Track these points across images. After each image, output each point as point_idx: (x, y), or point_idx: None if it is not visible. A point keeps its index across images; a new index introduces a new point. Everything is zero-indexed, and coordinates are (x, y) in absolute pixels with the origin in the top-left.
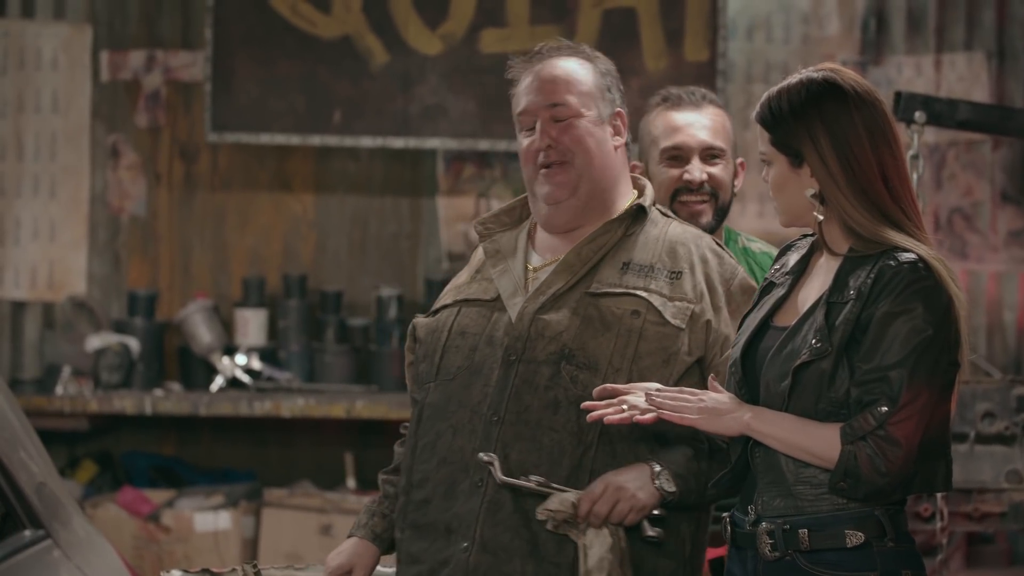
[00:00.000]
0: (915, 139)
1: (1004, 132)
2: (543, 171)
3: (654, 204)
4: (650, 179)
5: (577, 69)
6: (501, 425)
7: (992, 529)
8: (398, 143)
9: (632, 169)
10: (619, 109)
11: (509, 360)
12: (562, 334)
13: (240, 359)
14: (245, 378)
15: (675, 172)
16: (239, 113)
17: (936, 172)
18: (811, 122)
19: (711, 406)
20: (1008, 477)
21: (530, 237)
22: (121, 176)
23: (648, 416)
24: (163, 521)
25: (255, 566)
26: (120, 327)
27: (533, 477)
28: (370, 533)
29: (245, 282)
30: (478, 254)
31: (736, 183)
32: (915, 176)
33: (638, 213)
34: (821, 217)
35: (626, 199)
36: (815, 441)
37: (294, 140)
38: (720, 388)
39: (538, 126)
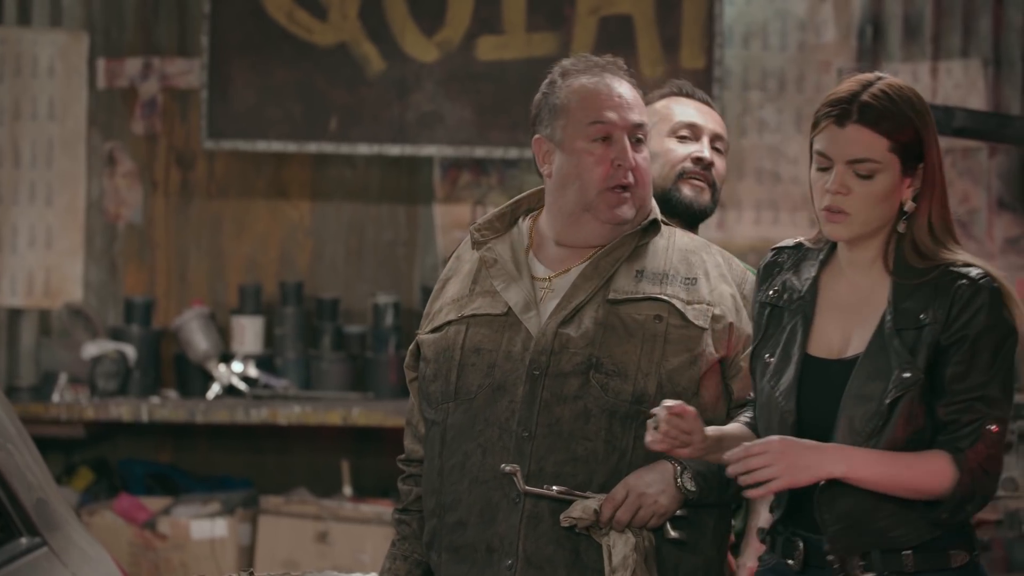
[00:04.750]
0: None
1: (1000, 139)
2: (612, 192)
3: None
4: (652, 157)
5: (638, 95)
6: (533, 440)
7: (988, 536)
8: (394, 150)
9: None
10: None
11: (534, 375)
12: (587, 345)
13: (236, 366)
14: (241, 385)
15: (686, 149)
16: (235, 120)
17: None
18: (929, 128)
19: (788, 460)
20: (1004, 485)
21: (531, 247)
22: (117, 183)
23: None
24: (159, 528)
25: (251, 574)
26: (116, 334)
27: (555, 487)
28: None
29: (241, 289)
30: (468, 261)
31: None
32: None
33: (651, 226)
34: (902, 230)
35: None
36: (921, 476)
37: (290, 147)
38: (690, 409)
39: (626, 142)
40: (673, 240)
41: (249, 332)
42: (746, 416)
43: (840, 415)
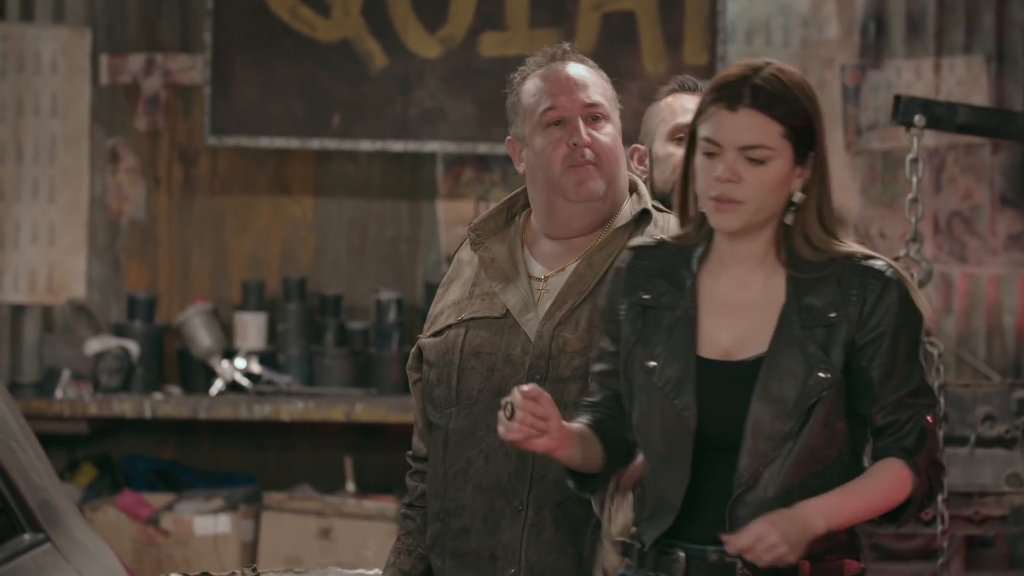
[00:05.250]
0: (914, 142)
1: (1003, 135)
2: (575, 169)
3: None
4: (654, 161)
5: (596, 75)
6: None
7: (992, 532)
8: (397, 146)
9: (632, 152)
10: (619, 123)
11: (533, 379)
12: (585, 348)
13: (239, 363)
14: (244, 382)
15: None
16: (238, 117)
17: (935, 176)
18: (819, 117)
19: (789, 540)
20: (1008, 480)
21: (525, 245)
22: (120, 180)
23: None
24: (162, 525)
25: (254, 570)
26: (119, 330)
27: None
28: (398, 572)
29: (244, 286)
30: (469, 263)
31: None
32: (914, 179)
33: (642, 216)
34: (790, 221)
35: (624, 203)
36: (887, 495)
37: (293, 144)
38: (544, 394)
39: (579, 123)
40: (668, 231)
41: (252, 328)
42: (585, 418)
43: (748, 418)
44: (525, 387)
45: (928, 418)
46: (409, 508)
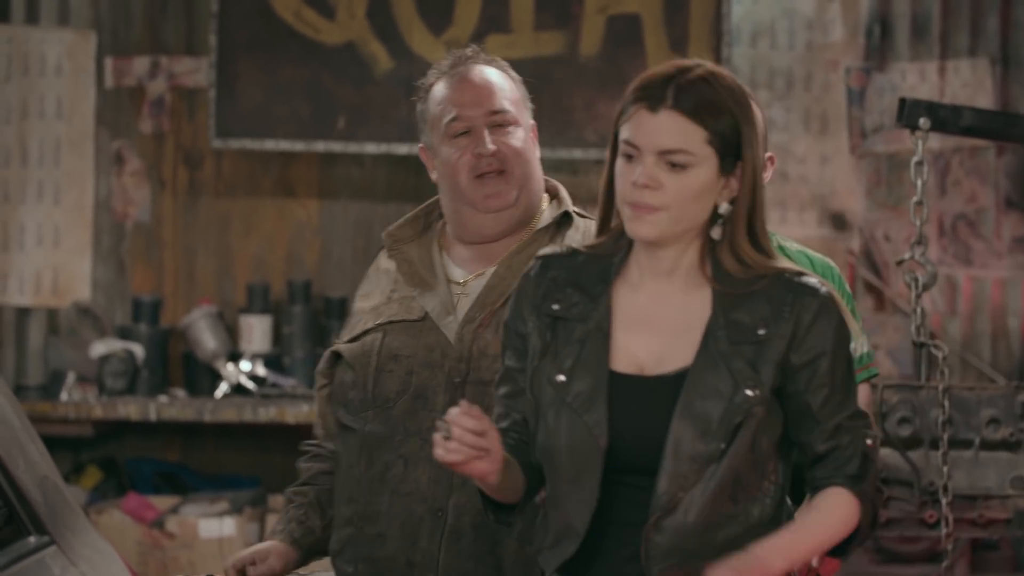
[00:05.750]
0: (919, 145)
1: (1008, 138)
2: (480, 179)
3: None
4: None
5: (504, 78)
6: None
7: (997, 536)
8: (402, 149)
9: None
10: (532, 122)
11: (454, 382)
12: None
13: (245, 365)
14: (250, 384)
15: None
16: (243, 119)
17: (940, 178)
18: (751, 125)
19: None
20: (1013, 483)
21: (442, 249)
22: (125, 182)
23: None
24: (168, 527)
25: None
26: (124, 333)
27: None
28: (288, 537)
29: (249, 288)
30: (386, 272)
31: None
32: (919, 182)
33: (563, 220)
34: (717, 236)
35: (542, 206)
36: (836, 527)
37: (298, 146)
38: (479, 413)
39: (485, 133)
40: (589, 233)
41: (257, 331)
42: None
43: (668, 436)
44: (461, 406)
45: (868, 441)
46: (301, 486)
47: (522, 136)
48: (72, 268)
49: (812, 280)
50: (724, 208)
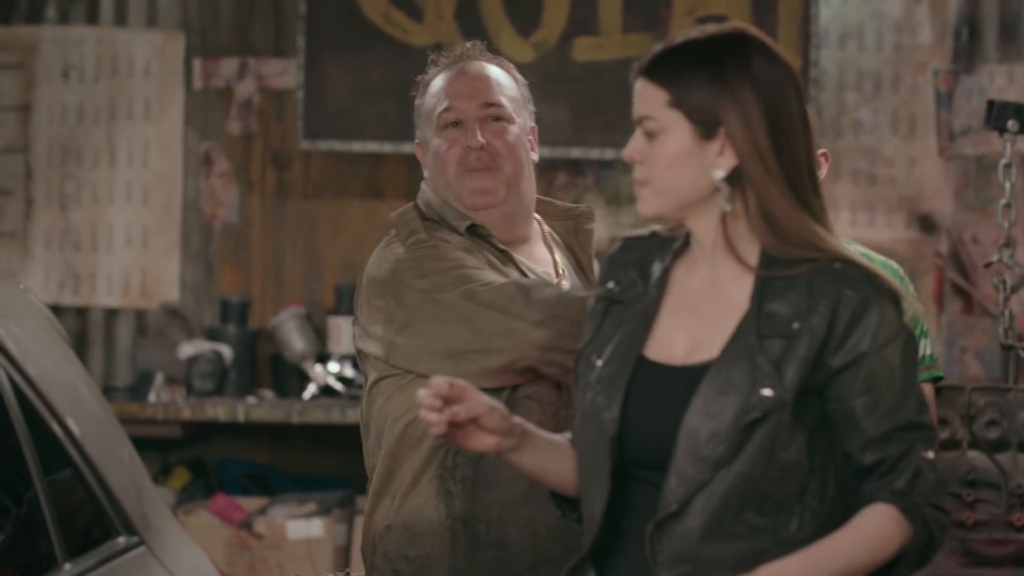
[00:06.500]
0: (1008, 147)
1: None
2: (469, 174)
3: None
4: None
5: (503, 75)
6: None
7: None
8: None
9: None
10: (533, 125)
11: None
12: None
13: (333, 367)
14: (338, 386)
15: None
16: (331, 121)
17: None
18: (738, 83)
19: None
20: None
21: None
22: (213, 184)
23: None
24: (256, 528)
25: (348, 574)
26: (212, 334)
27: None
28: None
29: (337, 290)
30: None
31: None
32: (1007, 184)
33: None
34: (728, 207)
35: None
36: (869, 549)
37: (386, 148)
38: (480, 395)
39: (476, 127)
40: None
41: (345, 332)
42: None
43: (680, 433)
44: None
45: (927, 453)
46: None
47: (516, 133)
48: (160, 269)
49: (861, 271)
50: (718, 177)
